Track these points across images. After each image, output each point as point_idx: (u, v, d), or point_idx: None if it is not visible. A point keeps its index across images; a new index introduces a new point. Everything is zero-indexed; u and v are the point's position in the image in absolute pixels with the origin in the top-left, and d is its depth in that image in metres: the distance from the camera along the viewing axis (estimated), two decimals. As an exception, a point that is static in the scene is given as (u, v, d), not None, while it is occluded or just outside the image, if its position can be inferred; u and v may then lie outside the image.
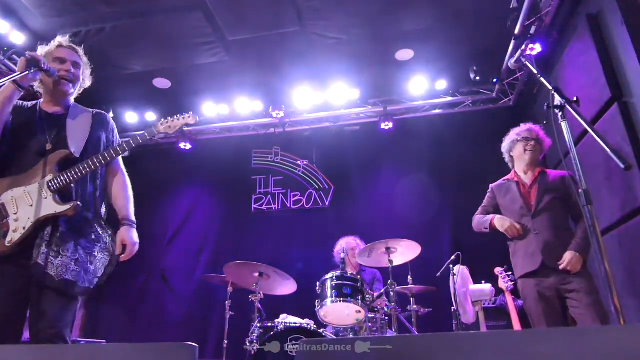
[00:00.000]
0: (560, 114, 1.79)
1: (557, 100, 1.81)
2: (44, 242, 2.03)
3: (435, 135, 6.10)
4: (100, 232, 2.26)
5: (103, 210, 2.38)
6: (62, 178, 2.13)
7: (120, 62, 5.31)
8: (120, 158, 2.46)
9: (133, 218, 2.35)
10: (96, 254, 2.19)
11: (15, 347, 1.04)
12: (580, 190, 1.68)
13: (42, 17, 4.67)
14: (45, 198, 2.09)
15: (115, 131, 2.57)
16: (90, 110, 2.48)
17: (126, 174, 2.49)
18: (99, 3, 4.52)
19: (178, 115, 2.49)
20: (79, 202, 2.12)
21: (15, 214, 2.07)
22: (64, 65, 2.32)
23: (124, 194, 2.40)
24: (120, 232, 2.27)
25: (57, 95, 2.36)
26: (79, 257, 2.10)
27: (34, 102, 2.39)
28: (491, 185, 3.57)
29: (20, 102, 2.35)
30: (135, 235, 2.30)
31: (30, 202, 2.09)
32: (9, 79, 2.07)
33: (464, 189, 5.74)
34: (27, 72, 2.08)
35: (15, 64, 4.93)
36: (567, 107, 1.75)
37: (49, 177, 2.13)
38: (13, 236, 2.03)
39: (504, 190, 3.48)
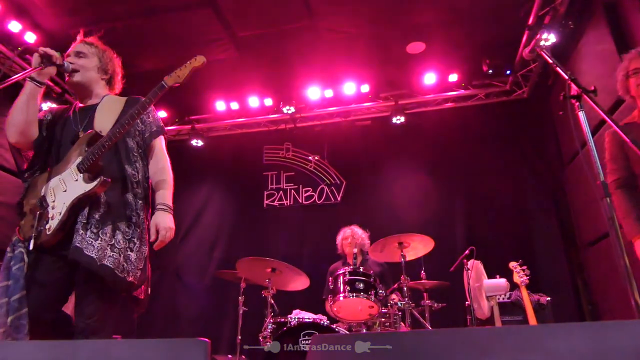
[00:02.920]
0: (577, 104, 1.74)
1: (574, 90, 1.77)
2: (81, 225, 1.96)
3: (448, 129, 6.03)
4: (142, 218, 2.15)
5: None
6: (87, 155, 2.06)
7: (131, 61, 5.32)
8: (162, 142, 2.37)
9: (169, 202, 2.21)
10: (136, 240, 2.08)
11: (29, 343, 1.04)
12: (598, 182, 1.64)
13: (54, 16, 4.71)
14: (76, 180, 2.05)
15: (154, 113, 2.43)
16: (125, 97, 2.41)
17: (166, 157, 2.36)
18: (110, 2, 4.55)
19: (185, 63, 2.28)
20: (107, 179, 2.02)
21: (53, 201, 2.04)
22: (67, 58, 2.30)
23: (161, 177, 2.27)
24: (154, 216, 2.14)
25: (77, 91, 2.36)
26: (115, 242, 1.99)
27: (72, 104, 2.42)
28: (608, 133, 2.57)
29: (61, 106, 2.40)
30: (169, 220, 2.15)
31: (64, 188, 2.05)
32: (22, 75, 2.09)
33: (477, 183, 5.69)
34: (41, 68, 2.09)
35: (27, 62, 5.00)
36: (585, 96, 1.71)
37: (78, 160, 2.09)
38: (52, 224, 1.99)
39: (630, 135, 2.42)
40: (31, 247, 1.95)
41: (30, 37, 4.82)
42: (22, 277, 1.95)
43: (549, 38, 4.42)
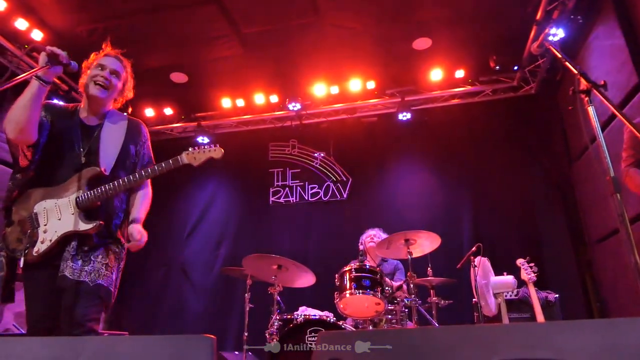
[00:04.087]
0: (586, 98, 1.72)
1: (583, 84, 1.74)
2: (70, 255, 2.10)
3: (455, 125, 6.00)
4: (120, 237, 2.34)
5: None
6: (89, 196, 2.17)
7: (138, 58, 5.28)
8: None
9: (142, 221, 2.39)
10: (121, 259, 2.32)
11: (35, 340, 1.04)
12: (608, 178, 1.61)
13: (61, 14, 4.73)
14: (72, 214, 2.15)
15: (148, 142, 2.56)
16: (126, 117, 2.50)
17: (149, 186, 2.52)
18: (115, -1, 4.56)
19: (205, 148, 2.34)
20: (101, 222, 2.16)
21: (45, 225, 2.14)
22: (103, 71, 2.34)
23: (141, 204, 2.43)
24: (133, 226, 2.32)
25: (91, 101, 2.37)
26: (109, 261, 2.19)
27: (75, 107, 2.42)
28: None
29: (62, 104, 2.41)
30: (142, 230, 2.32)
31: (58, 216, 2.15)
32: (29, 74, 2.08)
33: (484, 179, 5.66)
34: (47, 67, 2.09)
35: (34, 60, 5.02)
36: (595, 91, 1.68)
37: (78, 194, 2.18)
38: (40, 247, 2.10)
39: None
40: (21, 265, 2.09)
41: (37, 35, 4.84)
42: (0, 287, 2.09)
43: (557, 33, 4.38)
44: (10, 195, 2.21)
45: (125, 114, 2.55)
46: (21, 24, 4.72)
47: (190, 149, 2.32)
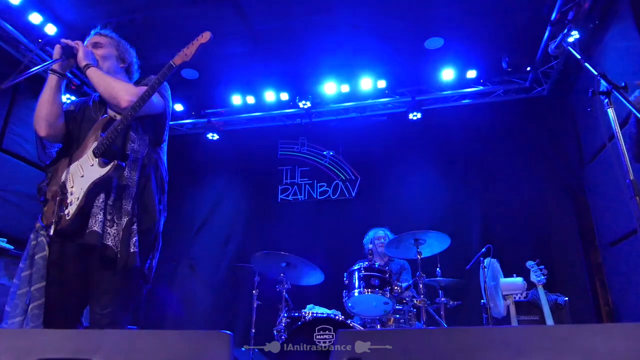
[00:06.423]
0: (606, 100, 1.70)
1: (603, 86, 1.72)
2: (100, 210, 1.98)
3: (465, 126, 5.96)
4: (141, 194, 2.14)
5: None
6: (102, 140, 2.06)
7: (149, 53, 5.34)
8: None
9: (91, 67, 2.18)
10: (140, 215, 2.10)
11: (55, 332, 1.05)
12: (627, 181, 1.60)
13: (75, 8, 4.75)
14: (92, 165, 2.05)
15: (163, 89, 2.37)
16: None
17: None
18: (129, -6, 4.58)
19: (192, 41, 2.26)
20: (121, 163, 2.03)
21: (72, 187, 2.04)
22: None
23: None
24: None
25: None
26: (127, 223, 2.01)
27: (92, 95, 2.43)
28: None
29: (82, 98, 2.41)
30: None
31: (81, 174, 2.06)
32: (43, 66, 2.09)
33: (494, 181, 5.63)
34: (61, 60, 2.10)
35: (48, 54, 5.05)
36: (615, 93, 1.66)
37: (94, 145, 2.08)
38: (70, 209, 1.99)
39: None
40: (51, 232, 1.95)
41: (51, 29, 4.86)
42: (44, 266, 1.96)
43: (573, 34, 4.34)
44: (43, 182, 2.17)
45: None
46: (35, 18, 4.74)
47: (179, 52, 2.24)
